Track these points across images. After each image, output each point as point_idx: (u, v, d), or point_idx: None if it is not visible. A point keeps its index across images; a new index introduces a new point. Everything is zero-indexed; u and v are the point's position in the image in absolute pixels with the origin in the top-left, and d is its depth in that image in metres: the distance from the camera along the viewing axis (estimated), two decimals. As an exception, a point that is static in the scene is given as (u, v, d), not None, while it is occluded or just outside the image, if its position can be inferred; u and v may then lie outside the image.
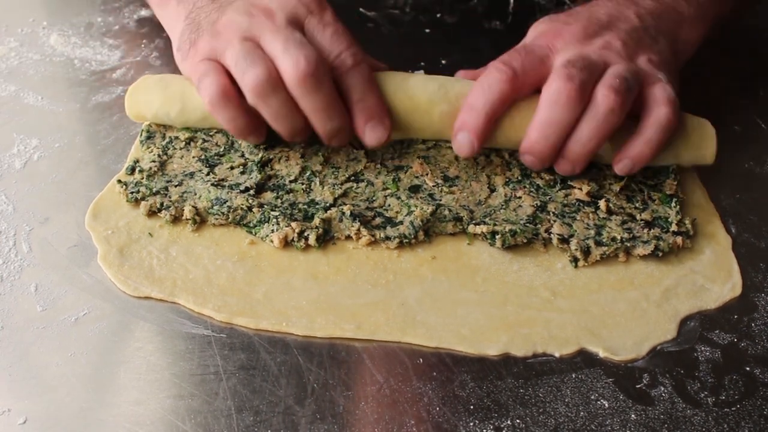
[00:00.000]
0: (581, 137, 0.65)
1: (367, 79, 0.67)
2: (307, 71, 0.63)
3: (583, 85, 0.64)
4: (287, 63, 0.64)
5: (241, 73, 0.65)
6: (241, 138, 0.70)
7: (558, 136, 0.65)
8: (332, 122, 0.67)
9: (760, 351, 0.61)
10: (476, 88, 0.67)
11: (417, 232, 0.67)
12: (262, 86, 0.64)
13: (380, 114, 0.68)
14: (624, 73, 0.66)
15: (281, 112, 0.66)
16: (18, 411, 0.56)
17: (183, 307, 0.63)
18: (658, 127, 0.66)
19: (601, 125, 0.65)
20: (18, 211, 0.70)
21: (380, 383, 0.58)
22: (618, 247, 0.66)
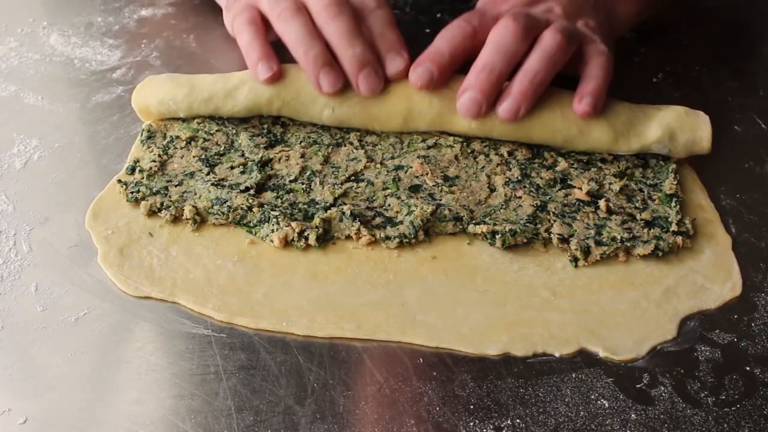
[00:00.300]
0: (528, 66, 0.69)
1: (388, 18, 0.73)
2: None
3: (527, 27, 0.69)
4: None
5: (270, 7, 0.72)
6: (254, 63, 0.72)
7: (504, 63, 0.68)
8: (354, 47, 0.70)
9: (760, 351, 0.61)
10: (440, 35, 0.72)
11: (417, 232, 0.67)
12: (286, 10, 0.71)
13: (400, 47, 0.72)
14: (566, 26, 0.71)
15: (301, 32, 0.70)
16: (18, 411, 0.56)
17: (183, 307, 0.63)
18: (600, 68, 0.71)
19: (548, 56, 0.68)
20: (18, 211, 0.70)
21: (380, 383, 0.58)
22: (618, 247, 0.66)
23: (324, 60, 0.70)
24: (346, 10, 0.71)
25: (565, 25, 0.71)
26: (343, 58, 0.71)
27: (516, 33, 0.69)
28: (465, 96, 0.70)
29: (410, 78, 0.71)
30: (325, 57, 0.71)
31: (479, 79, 0.69)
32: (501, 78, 0.69)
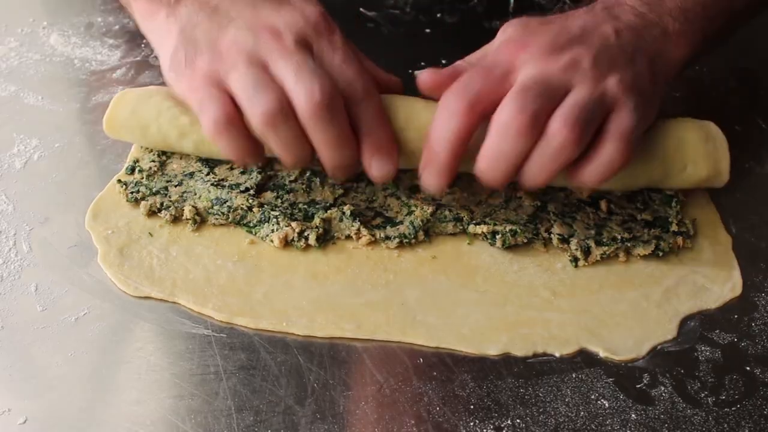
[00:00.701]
0: (532, 169, 0.62)
1: (377, 112, 0.64)
2: (322, 103, 0.60)
3: (535, 116, 0.60)
4: (300, 92, 0.60)
5: (249, 100, 0.61)
6: (239, 163, 0.68)
7: (508, 166, 0.61)
8: (342, 156, 0.63)
9: (760, 351, 0.61)
10: (437, 122, 0.62)
11: (417, 232, 0.67)
12: (273, 116, 0.60)
13: (388, 148, 0.64)
14: (584, 102, 0.61)
15: (291, 143, 0.62)
16: (18, 411, 0.56)
17: (183, 307, 0.63)
18: (603, 164, 0.62)
19: (552, 159, 0.61)
20: (18, 211, 0.70)
21: (380, 383, 0.58)
22: (618, 247, 0.66)
23: (310, 161, 0.65)
24: (335, 114, 0.61)
25: (583, 102, 0.61)
26: (325, 161, 0.64)
27: (520, 130, 0.60)
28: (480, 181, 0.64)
29: (421, 184, 0.65)
30: (311, 160, 0.65)
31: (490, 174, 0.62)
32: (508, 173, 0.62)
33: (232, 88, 0.62)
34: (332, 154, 0.63)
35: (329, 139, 0.62)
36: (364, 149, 0.64)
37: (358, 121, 0.63)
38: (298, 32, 0.64)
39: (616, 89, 0.62)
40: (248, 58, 0.62)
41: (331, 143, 0.62)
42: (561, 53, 0.63)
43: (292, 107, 0.61)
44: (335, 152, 0.63)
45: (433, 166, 0.63)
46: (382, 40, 0.92)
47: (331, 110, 0.61)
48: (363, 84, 0.63)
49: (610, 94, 0.62)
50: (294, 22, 0.64)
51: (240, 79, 0.61)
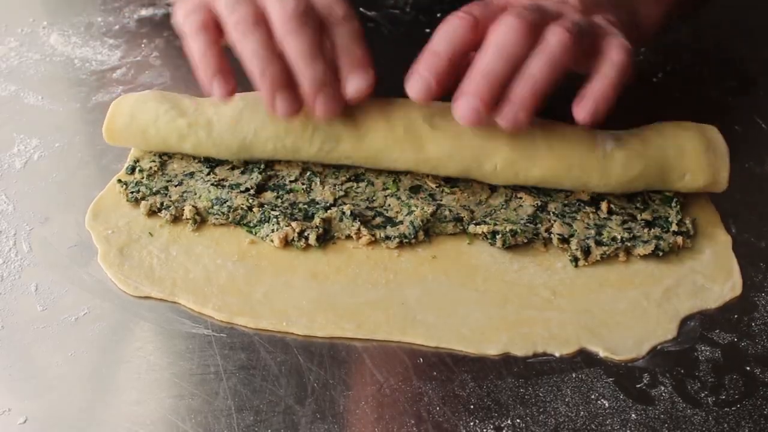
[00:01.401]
0: (529, 72, 0.62)
1: (355, 32, 0.66)
2: (296, 11, 0.62)
3: (532, 23, 0.62)
4: (276, 3, 0.63)
5: (227, 11, 0.64)
6: (208, 79, 0.65)
7: (504, 68, 0.62)
8: (315, 67, 0.63)
9: (760, 351, 0.61)
10: (438, 33, 0.65)
11: (417, 232, 0.67)
12: (244, 22, 0.63)
13: (363, 64, 0.65)
14: (577, 20, 0.64)
15: (259, 49, 0.63)
16: (18, 411, 0.56)
17: (183, 307, 0.63)
18: (613, 66, 0.63)
19: (550, 60, 0.61)
20: (18, 211, 0.70)
21: (380, 383, 0.58)
22: (618, 247, 0.66)
23: (281, 81, 0.64)
24: (308, 25, 0.63)
25: (576, 20, 0.64)
26: (300, 78, 0.64)
27: (519, 32, 0.62)
28: (462, 102, 0.63)
29: (407, 90, 0.65)
30: (283, 77, 0.64)
31: (478, 84, 0.63)
32: (502, 83, 0.63)
33: (216, 7, 0.65)
34: (305, 64, 0.63)
35: (301, 48, 0.63)
36: (340, 65, 0.65)
37: (335, 39, 0.65)
38: None
39: (602, 22, 0.67)
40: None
41: (302, 52, 0.63)
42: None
43: (265, 19, 0.64)
44: (308, 62, 0.63)
45: (430, 69, 0.64)
46: (382, 40, 0.92)
47: (303, 19, 0.63)
48: (342, 8, 0.66)
49: (597, 25, 0.66)
50: None
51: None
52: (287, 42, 0.63)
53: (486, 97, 0.63)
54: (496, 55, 0.62)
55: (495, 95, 0.63)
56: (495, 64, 0.62)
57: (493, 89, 0.63)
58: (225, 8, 0.64)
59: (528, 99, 0.62)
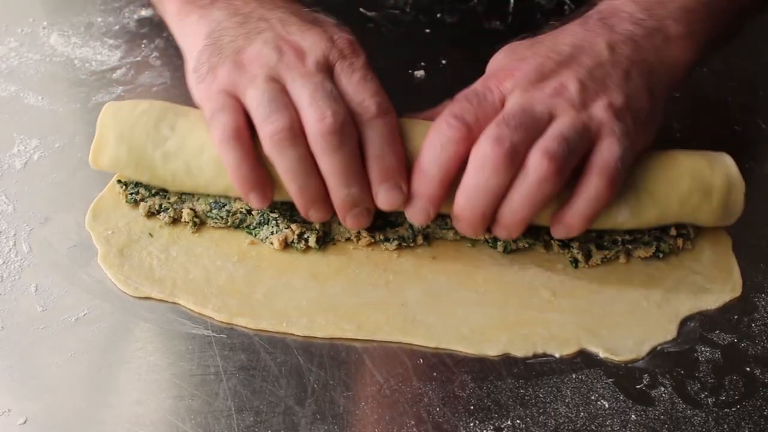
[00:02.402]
0: (512, 205, 0.59)
1: (389, 133, 0.61)
2: (333, 128, 0.59)
3: (513, 149, 0.58)
4: (313, 115, 0.59)
5: (262, 117, 0.60)
6: (245, 192, 0.62)
7: (486, 202, 0.59)
8: (350, 188, 0.61)
9: (760, 351, 0.61)
10: (428, 149, 0.60)
11: (416, 236, 0.67)
12: (282, 135, 0.59)
13: (398, 176, 0.61)
14: (566, 132, 0.59)
15: (298, 167, 0.60)
16: (18, 411, 0.56)
17: (183, 308, 0.63)
18: (588, 201, 0.60)
19: (532, 194, 0.58)
20: (18, 211, 0.70)
21: (380, 384, 0.58)
22: (619, 250, 0.66)
23: (317, 196, 0.62)
24: (344, 142, 0.59)
25: (566, 132, 0.59)
26: (335, 195, 0.61)
27: (498, 163, 0.58)
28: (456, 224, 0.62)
29: (406, 215, 0.63)
30: (319, 193, 0.62)
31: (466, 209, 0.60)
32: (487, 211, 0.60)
33: (247, 103, 0.61)
34: (340, 184, 0.60)
35: (337, 166, 0.60)
36: (372, 173, 0.61)
37: (368, 141, 0.61)
38: (322, 54, 0.63)
39: (602, 115, 0.60)
40: (268, 75, 0.62)
41: (339, 171, 0.60)
42: (547, 80, 0.62)
43: (303, 131, 0.60)
44: (343, 182, 0.60)
45: (422, 196, 0.61)
46: (382, 40, 0.92)
47: (342, 136, 0.59)
48: (377, 102, 0.61)
49: (596, 121, 0.60)
50: (320, 44, 0.63)
51: (256, 96, 0.61)
52: (323, 160, 0.60)
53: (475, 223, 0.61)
54: (475, 188, 0.59)
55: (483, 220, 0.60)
56: (476, 196, 0.59)
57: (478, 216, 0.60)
58: (259, 115, 0.60)
59: (515, 226, 0.60)
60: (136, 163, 0.66)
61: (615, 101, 0.61)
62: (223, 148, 0.61)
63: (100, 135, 0.67)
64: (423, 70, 0.87)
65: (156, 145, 0.65)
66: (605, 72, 0.62)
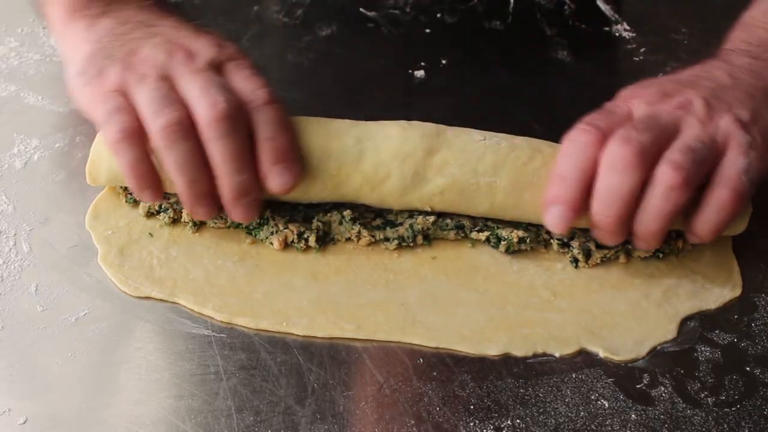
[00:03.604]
0: (644, 216, 0.60)
1: (279, 118, 0.62)
2: (226, 112, 0.59)
3: (642, 149, 0.58)
4: (204, 104, 0.60)
5: (152, 113, 0.60)
6: (138, 191, 0.63)
7: (621, 206, 0.59)
8: (241, 176, 0.61)
9: (760, 351, 0.61)
10: (564, 155, 0.61)
11: (416, 236, 0.67)
12: (172, 129, 0.59)
13: (290, 157, 0.62)
14: (693, 143, 0.59)
15: (188, 160, 0.60)
16: (18, 411, 0.56)
17: (183, 307, 0.63)
18: (714, 212, 0.60)
19: (663, 204, 0.59)
20: (18, 211, 0.70)
21: (380, 383, 0.58)
22: (619, 250, 0.66)
23: (206, 191, 0.62)
24: (235, 129, 0.60)
25: (693, 143, 0.59)
26: (226, 184, 0.61)
27: (628, 162, 0.58)
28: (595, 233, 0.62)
29: (545, 221, 0.62)
30: (207, 188, 0.62)
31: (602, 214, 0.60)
32: (623, 215, 0.60)
33: (137, 101, 0.62)
34: (230, 171, 0.60)
35: (228, 153, 0.60)
36: (262, 156, 0.61)
37: (258, 126, 0.61)
38: (211, 56, 0.65)
39: (729, 128, 0.61)
40: (157, 73, 0.63)
41: (229, 158, 0.60)
42: (672, 96, 0.63)
43: (193, 125, 0.60)
44: (234, 169, 0.60)
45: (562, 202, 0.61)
46: (382, 40, 0.92)
47: (233, 122, 0.60)
48: (267, 92, 0.63)
49: (723, 133, 0.61)
50: (210, 47, 0.65)
51: (146, 94, 0.61)
52: (212, 147, 0.60)
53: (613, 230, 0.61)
54: (608, 190, 0.59)
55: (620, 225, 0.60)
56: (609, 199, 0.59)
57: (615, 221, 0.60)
58: (149, 111, 0.60)
59: (652, 237, 0.61)
60: None
61: (741, 116, 0.62)
62: (119, 147, 0.61)
63: (94, 156, 0.68)
64: (423, 70, 0.87)
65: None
66: (728, 93, 0.63)
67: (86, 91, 0.65)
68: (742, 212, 0.65)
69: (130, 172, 0.62)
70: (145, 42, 0.65)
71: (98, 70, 0.64)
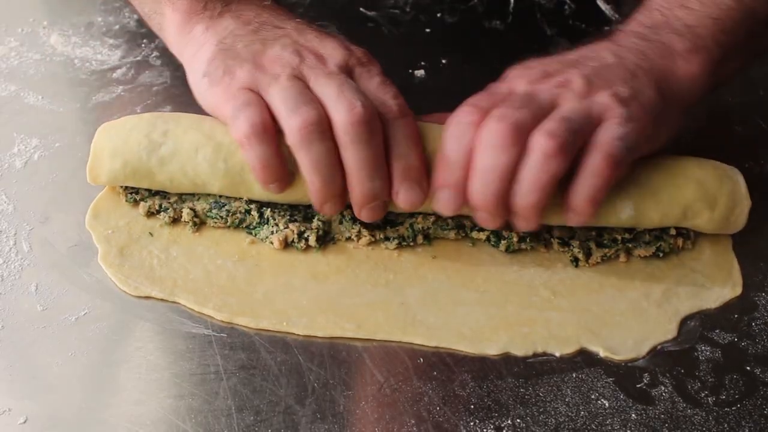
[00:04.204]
0: (521, 188, 0.59)
1: (412, 133, 0.62)
2: (364, 117, 0.59)
3: (517, 125, 0.58)
4: (342, 107, 0.59)
5: (287, 112, 0.60)
6: (265, 182, 0.63)
7: (498, 184, 0.59)
8: (373, 182, 0.61)
9: (760, 350, 0.61)
10: (449, 137, 0.61)
11: (416, 236, 0.67)
12: (310, 128, 0.59)
13: (419, 176, 0.62)
14: (567, 114, 0.59)
15: (323, 161, 0.60)
16: (18, 411, 0.56)
17: (183, 307, 0.63)
18: (590, 178, 0.59)
19: (538, 174, 0.58)
20: (18, 211, 0.70)
21: (381, 383, 0.58)
22: (619, 248, 0.66)
23: (338, 191, 0.62)
24: (372, 134, 0.60)
25: (568, 113, 0.60)
26: (358, 187, 0.61)
27: (503, 138, 0.58)
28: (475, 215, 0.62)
29: (434, 207, 0.63)
30: (340, 189, 0.62)
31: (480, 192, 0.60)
32: (500, 193, 0.60)
33: (271, 99, 0.61)
34: (364, 177, 0.61)
35: (364, 159, 0.60)
36: (394, 172, 0.62)
37: (391, 140, 0.61)
38: (341, 59, 0.64)
39: (607, 101, 0.61)
40: (291, 73, 0.62)
41: (365, 164, 0.60)
42: (553, 76, 0.63)
43: (329, 125, 0.60)
44: (367, 175, 0.60)
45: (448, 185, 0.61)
46: (382, 40, 0.92)
47: (370, 128, 0.59)
48: (399, 104, 0.62)
49: (599, 106, 0.61)
50: (339, 51, 0.65)
51: (281, 92, 0.61)
52: (351, 151, 0.60)
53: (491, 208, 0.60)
54: (484, 168, 0.59)
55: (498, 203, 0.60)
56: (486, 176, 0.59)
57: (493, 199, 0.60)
58: (283, 108, 0.60)
59: (530, 212, 0.60)
60: (134, 172, 0.66)
61: (620, 93, 0.61)
62: (250, 142, 0.61)
63: (94, 154, 0.67)
64: (423, 70, 0.87)
65: (150, 152, 0.66)
66: (611, 71, 0.63)
67: (214, 91, 0.64)
68: (739, 208, 0.65)
69: (260, 167, 0.61)
70: (273, 43, 0.65)
71: (225, 70, 0.64)
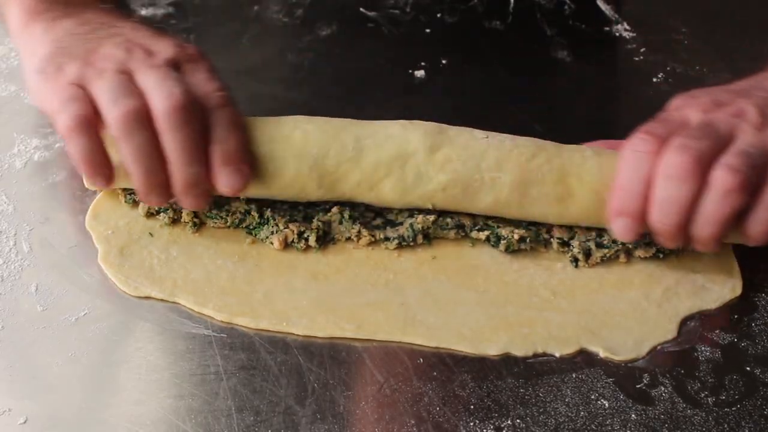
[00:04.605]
0: (700, 221, 0.60)
1: (232, 121, 0.63)
2: (181, 103, 0.61)
3: (699, 157, 0.59)
4: (160, 95, 0.61)
5: (109, 103, 0.61)
6: (91, 178, 0.64)
7: (679, 214, 0.60)
8: (192, 167, 0.61)
9: (760, 351, 0.61)
10: (625, 166, 0.62)
11: (416, 236, 0.67)
12: (130, 118, 0.60)
13: (240, 160, 0.63)
14: (748, 148, 0.60)
15: (144, 150, 0.61)
16: (18, 411, 0.56)
17: (183, 307, 0.63)
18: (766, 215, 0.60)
19: (720, 208, 0.59)
20: (18, 211, 0.70)
21: (380, 383, 0.58)
22: (619, 249, 0.66)
23: (161, 181, 0.62)
24: (190, 120, 0.61)
25: (747, 147, 0.60)
26: (178, 174, 0.62)
27: (685, 170, 0.58)
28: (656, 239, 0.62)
29: (611, 232, 0.63)
30: (162, 178, 0.62)
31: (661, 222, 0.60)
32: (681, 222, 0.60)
33: (94, 93, 0.62)
34: (182, 163, 0.61)
35: (182, 144, 0.61)
36: (213, 157, 0.62)
37: (211, 127, 0.62)
38: (171, 55, 0.65)
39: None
40: (116, 68, 0.63)
41: (182, 149, 0.61)
42: (726, 105, 0.63)
43: (150, 117, 0.61)
44: (186, 161, 0.61)
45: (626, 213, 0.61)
46: (382, 40, 0.92)
47: (187, 113, 0.61)
48: (221, 95, 0.64)
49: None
50: (169, 47, 0.66)
51: (103, 85, 0.62)
52: (169, 137, 0.61)
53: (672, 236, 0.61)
54: (666, 200, 0.60)
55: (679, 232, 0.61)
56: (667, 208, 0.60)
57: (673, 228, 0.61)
58: (105, 100, 0.61)
59: (709, 241, 0.61)
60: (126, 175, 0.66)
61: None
62: (72, 134, 0.61)
63: None
64: (423, 70, 0.87)
65: None
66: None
67: (44, 87, 0.65)
68: None
69: (82, 160, 0.62)
70: (106, 41, 0.66)
71: (57, 67, 0.65)
